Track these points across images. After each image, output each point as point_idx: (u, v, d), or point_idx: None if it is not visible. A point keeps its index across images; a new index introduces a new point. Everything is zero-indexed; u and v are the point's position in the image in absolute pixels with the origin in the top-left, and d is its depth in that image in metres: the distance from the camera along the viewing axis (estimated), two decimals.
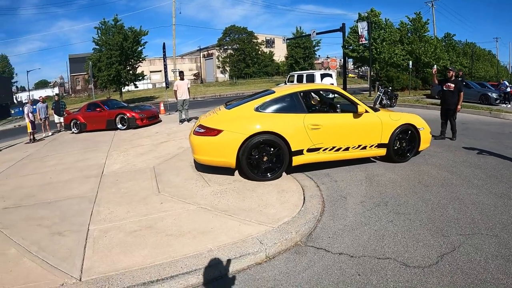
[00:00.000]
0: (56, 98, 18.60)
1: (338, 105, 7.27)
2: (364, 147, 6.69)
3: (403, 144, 7.08)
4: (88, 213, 5.21)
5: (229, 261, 3.55)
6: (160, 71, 63.36)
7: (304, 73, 23.33)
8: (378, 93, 17.89)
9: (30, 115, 15.25)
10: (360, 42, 28.00)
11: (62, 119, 17.48)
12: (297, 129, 6.14)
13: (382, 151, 6.89)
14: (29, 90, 68.80)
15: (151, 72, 59.59)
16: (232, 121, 6.22)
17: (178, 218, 4.68)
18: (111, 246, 4.08)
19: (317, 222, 4.48)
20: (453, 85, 9.31)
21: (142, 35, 34.57)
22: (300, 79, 22.38)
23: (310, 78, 21.50)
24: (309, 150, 6.28)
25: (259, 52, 65.52)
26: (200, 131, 6.27)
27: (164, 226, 4.48)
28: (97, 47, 35.26)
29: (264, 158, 6.10)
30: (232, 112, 6.56)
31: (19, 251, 4.21)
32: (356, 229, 4.33)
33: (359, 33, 27.44)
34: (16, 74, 79.18)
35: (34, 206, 5.86)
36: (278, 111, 6.35)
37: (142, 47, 35.07)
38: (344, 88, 22.34)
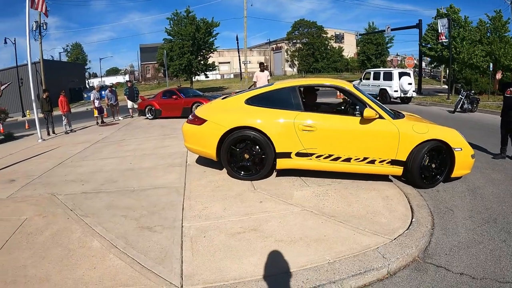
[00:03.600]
0: (129, 85, 19.08)
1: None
2: (372, 161, 5.46)
3: (430, 165, 5.59)
4: (179, 207, 4.90)
5: (352, 276, 3.15)
6: (228, 62, 64.44)
7: (381, 70, 22.53)
8: (460, 96, 16.71)
9: (96, 101, 16.24)
10: (440, 40, 26.53)
11: (135, 105, 17.81)
12: (284, 128, 5.50)
13: (397, 170, 5.52)
14: (101, 77, 73.53)
15: (219, 63, 60.33)
16: (219, 111, 6.07)
17: (284, 221, 4.27)
18: (212, 249, 3.71)
19: (431, 236, 4.11)
20: None
21: (214, 27, 35.14)
22: (377, 77, 21.69)
23: (388, 76, 20.68)
24: (299, 155, 5.55)
25: (328, 47, 64.29)
26: (190, 119, 6.23)
27: (270, 229, 4.09)
28: (168, 37, 36.31)
29: (245, 156, 5.73)
30: (223, 103, 6.35)
31: (103, 245, 3.93)
32: (471, 247, 3.95)
33: (439, 31, 26.12)
34: (90, 61, 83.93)
35: (117, 194, 5.65)
36: (269, 105, 5.75)
37: (214, 38, 35.68)
38: (419, 89, 20.92)
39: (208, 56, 37.03)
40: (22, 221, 4.82)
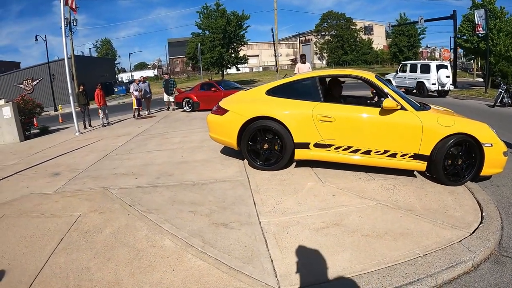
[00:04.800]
0: (166, 77, 18.77)
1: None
2: (393, 155, 5.15)
3: (457, 161, 5.08)
4: (250, 202, 4.61)
5: (445, 269, 3.10)
6: (257, 55, 63.97)
7: (418, 63, 21.80)
8: (500, 90, 15.74)
9: (136, 93, 16.03)
10: (476, 32, 25.15)
11: (171, 98, 17.52)
12: (303, 119, 5.43)
13: (420, 165, 5.11)
14: (130, 71, 74.40)
15: (248, 56, 60.32)
16: (241, 102, 6.15)
17: (363, 215, 4.11)
18: (300, 245, 3.49)
19: (502, 230, 3.98)
20: None
21: (244, 20, 34.54)
22: (413, 69, 20.97)
23: (425, 69, 19.95)
24: (317, 146, 5.45)
25: (358, 39, 63.03)
26: (214, 109, 6.35)
27: (352, 223, 3.91)
28: (197, 31, 36.19)
29: (264, 146, 5.75)
30: (245, 94, 6.51)
31: (177, 244, 3.63)
32: None
33: (476, 22, 24.63)
34: (119, 56, 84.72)
35: (177, 188, 5.33)
36: (289, 96, 5.73)
37: (245, 31, 35.10)
38: (454, 82, 20.01)
39: (239, 49, 36.63)
40: (75, 217, 4.46)
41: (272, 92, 5.89)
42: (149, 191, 5.18)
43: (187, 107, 15.98)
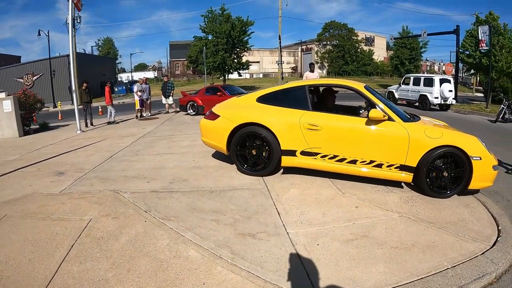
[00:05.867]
0: (166, 79, 18.32)
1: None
2: (379, 165, 5.17)
3: (443, 173, 5.04)
4: (273, 211, 4.48)
5: (473, 281, 3.18)
6: (258, 62, 63.86)
7: (422, 76, 21.96)
8: (502, 105, 15.96)
9: (140, 93, 15.76)
10: (480, 47, 25.45)
11: (169, 100, 17.40)
12: (290, 126, 5.52)
13: (407, 177, 5.11)
14: (131, 72, 73.79)
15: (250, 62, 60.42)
16: (232, 108, 6.27)
17: (389, 228, 4.09)
18: (333, 257, 3.42)
19: None
20: None
21: (248, 25, 34.35)
22: (417, 82, 21.01)
23: (429, 82, 20.04)
24: (304, 153, 5.53)
25: (359, 50, 63.07)
26: (207, 115, 6.57)
27: (380, 236, 3.89)
28: (199, 35, 36.05)
29: (252, 151, 5.84)
30: (237, 100, 6.61)
31: (203, 255, 3.42)
32: None
33: (480, 38, 24.95)
34: (120, 56, 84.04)
35: (194, 194, 5.11)
36: (278, 104, 5.84)
37: (248, 37, 34.85)
38: (455, 96, 20.10)
39: (242, 55, 36.36)
40: (86, 221, 4.17)
41: (262, 99, 6.00)
42: (164, 197, 4.92)
43: (191, 110, 15.68)
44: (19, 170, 6.90)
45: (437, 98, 19.19)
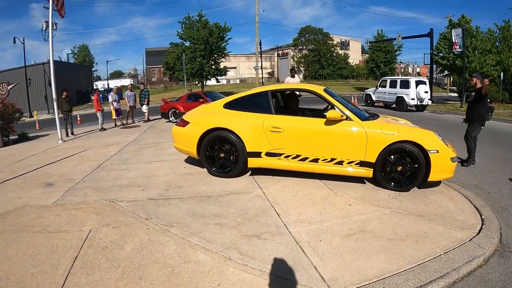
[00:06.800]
0: (142, 87, 17.96)
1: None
2: (340, 162, 5.49)
3: (400, 167, 5.31)
4: (272, 213, 4.63)
5: (465, 264, 3.50)
6: (235, 67, 63.74)
7: (398, 78, 22.70)
8: None
9: (115, 103, 15.70)
10: (453, 50, 26.79)
11: (143, 108, 17.26)
12: (255, 130, 5.84)
13: (367, 172, 5.42)
14: (107, 79, 72.48)
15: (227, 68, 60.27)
16: (201, 114, 6.56)
17: (383, 222, 4.34)
18: (337, 251, 3.63)
19: (500, 230, 4.38)
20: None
21: (226, 31, 34.44)
22: (393, 85, 21.68)
23: (405, 85, 20.77)
24: (268, 154, 5.84)
25: (334, 54, 63.90)
26: (178, 122, 6.84)
27: (375, 229, 4.14)
28: (175, 41, 35.89)
29: (221, 154, 6.12)
30: (206, 107, 6.97)
31: (213, 258, 3.48)
32: None
33: (453, 40, 26.20)
34: (96, 63, 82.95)
35: (192, 200, 5.15)
36: (243, 109, 6.17)
37: (226, 43, 34.95)
38: (431, 97, 20.93)
39: (220, 61, 36.39)
40: (86, 232, 4.12)
41: (229, 105, 6.30)
42: (163, 204, 4.93)
43: (173, 118, 15.59)
44: (4, 182, 6.73)
45: (413, 99, 19.82)
